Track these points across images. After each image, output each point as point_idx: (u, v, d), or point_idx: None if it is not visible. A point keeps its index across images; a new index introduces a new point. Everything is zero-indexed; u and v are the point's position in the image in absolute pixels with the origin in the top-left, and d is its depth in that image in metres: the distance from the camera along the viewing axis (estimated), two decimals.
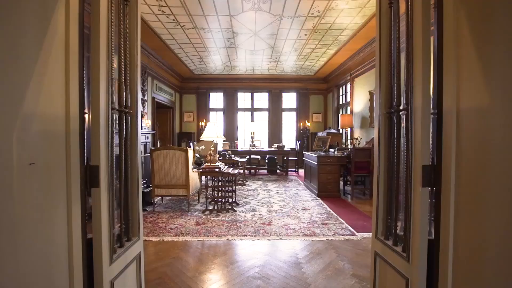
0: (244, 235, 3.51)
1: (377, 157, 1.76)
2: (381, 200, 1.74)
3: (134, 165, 1.68)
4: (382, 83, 1.72)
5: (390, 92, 1.66)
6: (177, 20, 5.48)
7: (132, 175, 1.67)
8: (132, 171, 1.67)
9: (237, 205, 4.93)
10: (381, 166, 1.73)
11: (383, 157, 1.73)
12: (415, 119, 1.38)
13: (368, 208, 4.86)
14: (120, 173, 1.55)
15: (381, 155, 1.73)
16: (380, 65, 1.73)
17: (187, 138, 10.38)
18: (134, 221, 1.69)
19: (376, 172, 1.78)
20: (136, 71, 1.69)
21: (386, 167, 1.71)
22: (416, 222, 1.37)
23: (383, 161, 1.73)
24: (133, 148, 1.68)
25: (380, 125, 1.74)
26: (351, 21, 5.54)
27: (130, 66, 1.64)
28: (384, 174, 1.72)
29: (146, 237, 3.41)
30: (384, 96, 1.72)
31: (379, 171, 1.75)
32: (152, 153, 4.46)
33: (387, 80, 1.68)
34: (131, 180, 1.66)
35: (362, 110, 7.59)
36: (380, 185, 1.74)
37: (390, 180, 1.69)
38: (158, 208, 4.78)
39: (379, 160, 1.75)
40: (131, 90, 1.67)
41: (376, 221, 1.76)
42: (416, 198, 1.38)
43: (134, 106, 1.68)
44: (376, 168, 1.78)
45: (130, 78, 1.64)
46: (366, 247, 3.17)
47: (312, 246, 3.18)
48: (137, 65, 1.69)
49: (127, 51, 1.60)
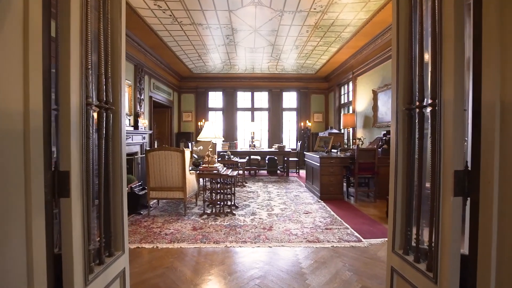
0: (244, 241, 3.30)
1: (394, 160, 1.55)
2: (399, 209, 1.53)
3: (116, 170, 1.47)
4: (400, 75, 1.51)
5: (410, 86, 1.45)
6: (174, 16, 5.27)
7: (115, 181, 1.46)
8: (114, 176, 1.46)
9: (236, 208, 4.72)
10: (399, 171, 1.52)
11: (401, 160, 1.52)
12: (445, 116, 1.17)
13: (373, 211, 4.65)
14: (100, 179, 1.34)
15: (399, 158, 1.52)
16: (397, 54, 1.52)
17: (186, 138, 10.18)
18: (117, 234, 1.48)
19: (392, 177, 1.57)
20: (120, 61, 1.48)
21: (405, 171, 1.50)
22: (446, 237, 1.16)
23: (401, 165, 1.52)
24: (115, 150, 1.46)
25: (397, 124, 1.53)
26: (355, 16, 5.33)
27: (112, 55, 1.43)
28: (402, 179, 1.51)
29: (139, 243, 3.20)
30: (403, 90, 1.51)
31: (396, 176, 1.54)
32: (147, 154, 4.24)
33: (407, 71, 1.48)
34: (113, 187, 1.45)
35: (365, 109, 7.39)
36: (397, 192, 1.53)
37: (410, 186, 1.48)
38: (153, 212, 4.57)
39: (396, 164, 1.54)
40: (114, 83, 1.46)
41: (393, 232, 1.55)
42: (446, 208, 1.17)
43: (117, 101, 1.47)
44: (392, 172, 1.57)
45: (112, 69, 1.43)
46: (374, 255, 2.96)
47: (316, 254, 2.97)
48: (121, 55, 1.48)
49: (108, 37, 1.39)
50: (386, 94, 6.17)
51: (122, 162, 1.49)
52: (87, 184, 1.20)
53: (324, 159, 5.45)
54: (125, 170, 1.54)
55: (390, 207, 1.59)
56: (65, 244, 1.11)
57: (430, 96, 1.28)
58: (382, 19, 5.40)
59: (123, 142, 1.51)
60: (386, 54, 6.14)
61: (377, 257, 2.90)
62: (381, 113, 6.46)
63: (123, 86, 1.51)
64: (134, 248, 3.09)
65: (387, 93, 6.15)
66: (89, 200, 1.22)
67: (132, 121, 6.53)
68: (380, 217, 4.29)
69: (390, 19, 5.53)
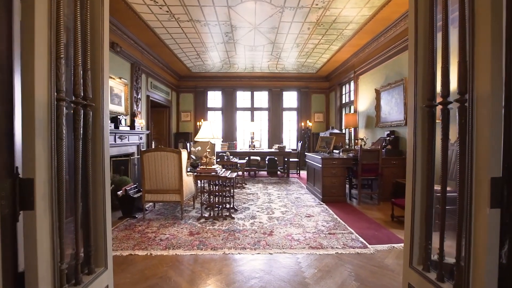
0: (243, 247, 3.12)
1: (412, 164, 1.38)
2: (418, 219, 1.35)
3: (98, 175, 1.29)
4: (419, 68, 1.33)
5: (431, 80, 1.28)
6: (171, 12, 5.09)
7: (96, 188, 1.28)
8: (95, 183, 1.28)
9: (235, 212, 4.54)
10: (418, 176, 1.35)
11: (420, 164, 1.34)
12: (479, 113, 1.00)
13: (378, 214, 4.48)
14: (76, 186, 1.16)
15: (417, 161, 1.35)
16: (415, 44, 1.34)
17: (185, 138, 10.00)
18: (99, 247, 1.30)
19: (410, 183, 1.39)
20: (102, 51, 1.30)
21: (425, 177, 1.33)
22: (481, 256, 0.99)
23: (420, 169, 1.34)
24: (96, 152, 1.29)
25: (415, 123, 1.36)
26: (358, 13, 5.16)
27: (92, 44, 1.25)
28: (421, 185, 1.34)
29: (132, 250, 3.02)
30: (422, 85, 1.33)
31: (414, 182, 1.36)
32: (142, 155, 4.07)
33: (427, 63, 1.30)
34: (93, 195, 1.27)
35: (367, 109, 7.22)
36: (416, 200, 1.35)
37: (430, 194, 1.30)
38: (149, 215, 4.39)
39: (414, 168, 1.36)
40: (94, 76, 1.28)
41: (411, 245, 1.38)
42: (480, 221, 0.99)
43: (98, 97, 1.30)
44: (410, 178, 1.39)
45: (92, 60, 1.26)
46: (381, 262, 2.78)
47: (320, 262, 2.80)
48: (103, 44, 1.30)
49: (87, 22, 1.21)
50: (390, 93, 6.00)
51: (105, 167, 1.32)
52: (58, 193, 1.03)
53: (326, 160, 5.28)
54: (109, 176, 1.36)
55: (406, 216, 1.42)
56: (29, 265, 0.93)
57: (458, 90, 1.10)
58: (386, 16, 5.23)
59: (105, 143, 1.33)
60: (389, 52, 5.97)
61: (384, 265, 2.72)
62: (384, 113, 6.28)
63: (106, 80, 1.34)
64: (126, 255, 2.91)
65: (390, 92, 5.98)
66: (61, 212, 1.04)
67: (129, 121, 6.35)
68: (385, 221, 4.11)
69: (393, 16, 5.37)
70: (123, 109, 6.03)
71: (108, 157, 1.36)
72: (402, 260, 2.82)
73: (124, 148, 5.84)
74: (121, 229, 3.72)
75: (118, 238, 3.39)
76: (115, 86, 5.65)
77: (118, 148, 5.54)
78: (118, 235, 3.48)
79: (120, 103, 5.89)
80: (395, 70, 5.80)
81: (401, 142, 5.55)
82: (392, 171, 5.32)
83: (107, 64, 1.34)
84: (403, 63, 5.51)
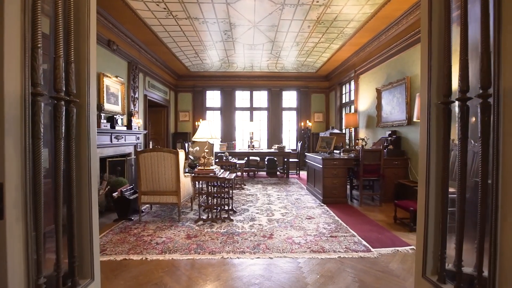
0: (242, 251, 3.01)
1: (425, 166, 1.27)
2: (432, 226, 1.25)
3: (83, 178, 1.18)
4: (433, 60, 1.23)
5: (447, 73, 1.17)
6: (168, 9, 4.98)
7: (81, 192, 1.17)
8: (79, 187, 1.17)
9: (234, 213, 4.43)
10: (432, 179, 1.24)
11: (434, 166, 1.24)
12: (506, 110, 0.89)
13: (380, 216, 4.38)
14: (57, 192, 1.05)
15: (431, 163, 1.24)
16: (429, 36, 1.24)
17: (183, 138, 9.88)
18: (84, 257, 1.19)
19: (422, 186, 1.29)
20: (88, 42, 1.19)
21: (440, 179, 1.22)
22: (510, 267, 0.88)
23: (434, 171, 1.24)
24: (81, 153, 1.18)
25: (429, 121, 1.25)
26: (359, 10, 5.06)
27: (76, 34, 1.14)
28: (436, 189, 1.23)
29: (126, 255, 2.90)
30: (437, 80, 1.23)
31: (427, 185, 1.26)
32: (138, 155, 3.95)
33: (442, 56, 1.20)
34: (77, 200, 1.16)
35: (368, 108, 7.12)
36: (430, 204, 1.25)
37: (446, 198, 1.20)
38: (145, 217, 4.27)
39: (427, 170, 1.26)
40: (79, 69, 1.17)
41: (424, 253, 1.27)
42: (509, 229, 0.89)
43: (84, 93, 1.19)
44: (422, 181, 1.29)
45: (77, 52, 1.15)
46: (386, 267, 2.68)
47: (322, 266, 2.69)
48: (89, 34, 1.19)
49: (71, 10, 1.10)
50: (391, 92, 5.90)
51: (91, 169, 1.20)
52: (35, 199, 0.91)
53: (327, 160, 5.17)
54: (96, 179, 1.25)
55: (419, 222, 1.31)
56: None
57: (480, 84, 1.00)
58: (387, 13, 5.14)
59: (92, 143, 1.22)
60: (391, 51, 5.87)
61: (389, 270, 2.62)
62: (385, 113, 6.19)
63: (92, 74, 1.22)
64: (120, 260, 2.80)
65: (392, 91, 5.89)
66: (38, 220, 0.93)
67: (126, 120, 6.23)
68: (387, 223, 4.01)
69: (395, 14, 5.27)
70: (120, 109, 5.91)
71: (95, 158, 1.25)
72: (408, 265, 2.73)
73: (121, 148, 5.71)
74: (116, 232, 3.61)
75: (113, 241, 3.28)
76: (111, 85, 5.53)
77: (115, 148, 5.42)
78: (112, 239, 3.36)
79: (116, 102, 5.77)
80: (397, 69, 5.71)
81: (403, 142, 5.45)
82: (394, 172, 5.23)
83: (94, 57, 1.23)
84: (405, 62, 5.41)
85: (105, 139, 5.02)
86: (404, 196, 4.82)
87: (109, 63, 5.52)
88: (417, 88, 4.99)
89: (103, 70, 5.25)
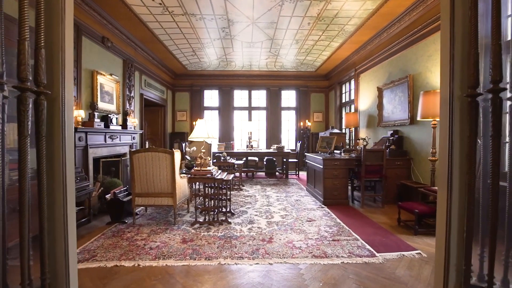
0: (240, 257, 2.86)
1: (446, 167, 1.12)
2: (454, 236, 1.10)
3: (55, 183, 1.02)
4: (457, 47, 1.09)
5: (474, 62, 1.02)
6: (164, 4, 4.82)
7: (53, 199, 1.02)
8: (52, 193, 1.01)
9: (232, 216, 4.28)
10: (455, 183, 1.10)
11: (458, 169, 1.09)
12: None
13: (383, 218, 4.24)
14: (22, 198, 0.89)
15: (454, 164, 1.10)
16: (451, 19, 1.09)
17: (180, 138, 9.71)
18: (58, 276, 1.04)
19: (443, 190, 1.14)
20: (63, 26, 1.03)
21: (466, 184, 1.07)
22: None
23: (458, 175, 1.09)
24: (54, 154, 1.02)
25: (451, 116, 1.11)
26: (361, 7, 4.92)
27: (47, 15, 0.98)
28: (460, 195, 1.09)
29: (117, 261, 2.74)
30: (461, 69, 1.08)
31: (450, 189, 1.11)
32: (131, 156, 3.79)
33: (468, 43, 1.05)
34: (49, 208, 1.00)
35: (369, 108, 6.99)
36: (452, 212, 1.10)
37: (472, 204, 1.05)
38: (140, 220, 4.11)
39: (450, 174, 1.11)
40: (51, 57, 1.01)
41: (446, 267, 1.12)
42: None
43: (57, 84, 1.03)
44: (443, 184, 1.14)
45: (48, 36, 0.99)
46: (392, 274, 2.54)
47: (325, 273, 2.54)
48: (64, 17, 1.03)
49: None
50: (393, 91, 5.77)
51: (66, 172, 1.05)
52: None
53: (328, 161, 5.03)
54: (73, 183, 1.09)
55: (439, 230, 1.16)
56: None
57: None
58: (389, 10, 5.01)
59: (68, 142, 1.06)
60: (392, 48, 5.74)
61: (396, 277, 2.48)
62: (386, 112, 6.05)
63: (68, 62, 1.07)
64: (111, 267, 2.64)
65: (393, 90, 5.75)
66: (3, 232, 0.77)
67: (121, 119, 6.06)
68: (391, 226, 3.87)
69: (398, 10, 5.13)
70: (115, 108, 5.75)
71: (72, 159, 1.09)
72: (415, 271, 2.59)
73: (115, 148, 5.54)
74: (108, 236, 3.44)
75: (104, 246, 3.11)
76: (105, 83, 5.36)
77: (109, 148, 5.25)
78: (104, 243, 3.20)
79: (111, 101, 5.60)
80: (399, 67, 5.58)
81: (406, 142, 5.32)
82: (396, 173, 5.09)
83: (71, 42, 1.07)
84: (407, 60, 5.28)
85: (99, 139, 4.85)
86: (407, 198, 4.68)
87: (103, 61, 5.35)
88: (420, 87, 4.86)
89: (97, 67, 5.08)
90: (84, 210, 4.03)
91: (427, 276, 2.50)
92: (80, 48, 4.56)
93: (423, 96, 4.09)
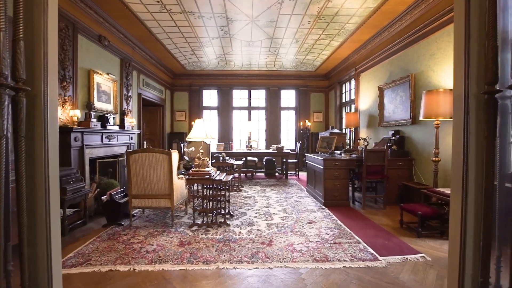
0: (239, 260, 2.77)
1: (461, 170, 1.04)
2: (470, 244, 1.02)
3: (37, 188, 0.93)
4: (473, 40, 1.01)
5: (493, 56, 0.94)
6: (162, 2, 4.73)
7: (36, 206, 0.93)
8: (33, 198, 0.93)
9: (231, 217, 4.19)
10: (471, 187, 1.01)
11: (474, 171, 1.01)
12: None
13: (385, 220, 4.16)
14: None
15: (470, 167, 1.02)
16: (466, 8, 1.01)
17: (179, 138, 9.62)
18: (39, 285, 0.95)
19: (457, 195, 1.06)
20: (45, 15, 0.95)
21: (481, 187, 0.99)
22: None
23: (474, 178, 1.01)
24: (35, 156, 0.93)
25: (466, 116, 1.03)
26: (362, 5, 4.85)
27: (26, 3, 0.90)
28: (476, 200, 1.01)
29: (112, 265, 2.66)
30: (477, 64, 1.00)
31: (465, 194, 1.03)
32: (128, 156, 3.70)
33: (485, 35, 0.97)
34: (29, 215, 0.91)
35: (369, 107, 6.91)
36: (467, 218, 1.02)
37: (491, 210, 0.97)
38: (136, 222, 4.02)
39: (465, 177, 1.03)
40: (32, 50, 0.93)
41: (461, 278, 1.04)
42: None
43: (39, 79, 0.95)
44: (458, 188, 1.06)
45: (27, 27, 0.90)
46: (396, 278, 2.46)
47: (327, 278, 2.46)
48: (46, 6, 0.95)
49: None
50: (394, 90, 5.70)
51: (49, 176, 0.96)
52: None
53: (328, 161, 4.95)
54: (57, 188, 1.01)
55: (452, 238, 1.08)
56: None
57: None
58: (391, 8, 4.93)
59: (51, 144, 0.98)
60: (394, 47, 5.67)
61: (400, 282, 2.39)
62: (388, 112, 5.98)
63: (52, 56, 0.98)
64: (105, 271, 2.55)
65: (394, 89, 5.68)
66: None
67: (118, 119, 5.97)
68: (393, 228, 3.79)
69: (399, 8, 5.05)
70: (112, 107, 5.66)
71: (55, 161, 1.00)
72: (420, 276, 2.50)
73: (112, 148, 5.45)
74: (103, 239, 3.35)
75: (99, 249, 3.02)
76: (102, 83, 5.27)
77: (105, 148, 5.16)
78: (99, 246, 3.11)
79: (108, 101, 5.51)
80: (400, 67, 5.50)
81: (407, 142, 5.24)
82: (398, 173, 5.02)
83: (55, 34, 0.99)
84: (409, 59, 5.20)
85: (95, 139, 4.76)
86: (409, 199, 4.61)
87: (100, 60, 5.26)
88: (422, 86, 4.78)
89: (93, 66, 4.99)
90: (80, 212, 3.94)
91: (432, 281, 2.41)
92: (76, 46, 4.47)
93: (425, 96, 4.01)
